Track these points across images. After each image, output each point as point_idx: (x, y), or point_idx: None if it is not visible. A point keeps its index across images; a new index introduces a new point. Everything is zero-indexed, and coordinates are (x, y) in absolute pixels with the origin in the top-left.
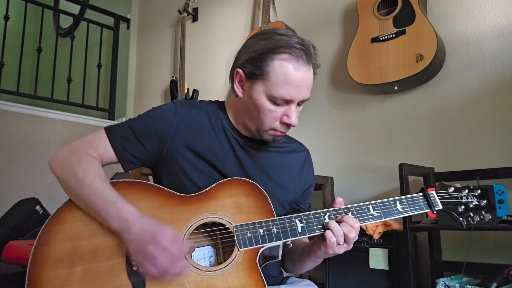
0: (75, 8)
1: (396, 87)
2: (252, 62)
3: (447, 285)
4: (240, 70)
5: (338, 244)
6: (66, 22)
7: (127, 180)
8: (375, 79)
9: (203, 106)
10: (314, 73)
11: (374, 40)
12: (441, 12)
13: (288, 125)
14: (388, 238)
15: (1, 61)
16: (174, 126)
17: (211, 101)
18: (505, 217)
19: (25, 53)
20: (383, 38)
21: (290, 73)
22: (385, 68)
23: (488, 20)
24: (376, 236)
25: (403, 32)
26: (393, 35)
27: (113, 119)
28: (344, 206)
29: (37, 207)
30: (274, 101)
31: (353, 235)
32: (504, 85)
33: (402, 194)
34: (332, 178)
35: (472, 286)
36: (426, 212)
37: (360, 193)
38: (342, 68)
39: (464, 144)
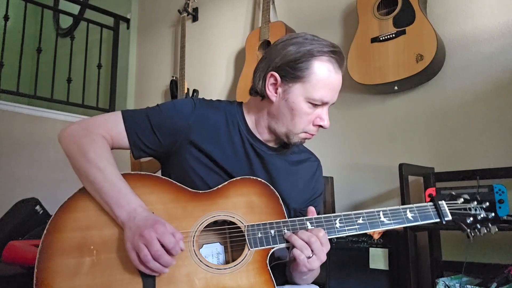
0: (75, 8)
1: (396, 87)
2: (290, 65)
3: (447, 285)
4: (275, 73)
5: (309, 257)
6: (66, 22)
7: (139, 172)
8: (375, 79)
9: (221, 106)
10: None
11: (374, 40)
12: (441, 12)
13: (319, 128)
14: (388, 238)
15: (1, 61)
16: (190, 123)
17: (230, 101)
18: (505, 217)
19: (25, 53)
20: (383, 38)
21: (330, 76)
22: (385, 68)
23: (487, 20)
24: (376, 236)
25: (403, 32)
26: (393, 35)
27: None
28: (354, 212)
29: (37, 207)
30: (312, 103)
31: (313, 240)
32: (504, 85)
33: (402, 194)
34: (332, 178)
35: (472, 286)
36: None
37: (360, 193)
38: None
39: (464, 144)
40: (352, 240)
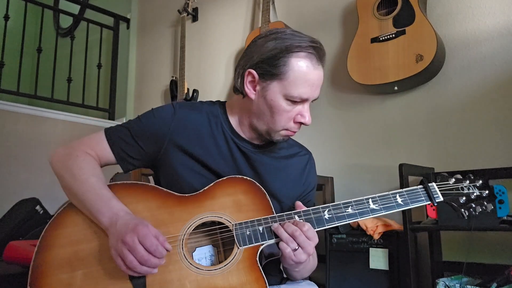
0: (75, 8)
1: (396, 87)
2: (268, 62)
3: (447, 286)
4: (252, 71)
5: (294, 250)
6: (66, 22)
7: (124, 182)
8: (375, 79)
9: (203, 107)
10: None
11: (374, 40)
12: (441, 12)
13: (300, 125)
14: (388, 239)
15: (1, 61)
16: (171, 128)
17: (212, 101)
18: (505, 217)
19: (25, 53)
20: (383, 38)
21: (308, 72)
22: (385, 68)
23: (487, 20)
24: (376, 236)
25: (403, 32)
26: (393, 35)
27: (113, 119)
28: (344, 201)
29: (37, 207)
30: (291, 100)
31: (298, 234)
32: (504, 85)
33: None
34: (332, 178)
35: (472, 287)
36: (426, 213)
37: (360, 193)
38: (342, 68)
39: (464, 144)
40: (352, 240)
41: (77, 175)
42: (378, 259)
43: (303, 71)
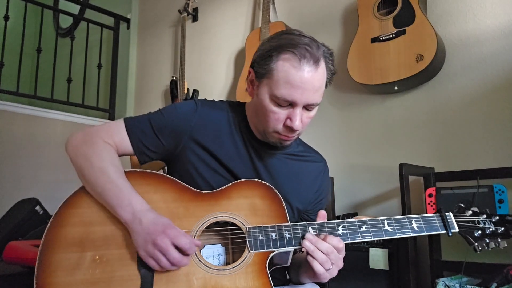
0: (75, 8)
1: (396, 87)
2: (259, 61)
3: (447, 285)
4: (251, 70)
5: (329, 269)
6: (66, 22)
7: (143, 170)
8: (375, 79)
9: (224, 107)
10: (330, 80)
11: (374, 40)
12: (441, 12)
13: (291, 129)
14: (388, 239)
15: (1, 61)
16: (192, 124)
17: (233, 101)
18: None
19: (25, 53)
20: (383, 38)
21: (291, 73)
22: (385, 68)
23: (488, 20)
24: None
25: (403, 32)
26: (393, 35)
27: (113, 119)
28: (359, 219)
29: (37, 207)
30: (276, 101)
31: (332, 253)
32: (504, 85)
33: (402, 194)
34: (332, 178)
35: (472, 286)
36: (426, 212)
37: (360, 193)
38: (342, 68)
39: (464, 144)
40: None
41: (96, 166)
42: (378, 258)
43: (286, 71)
